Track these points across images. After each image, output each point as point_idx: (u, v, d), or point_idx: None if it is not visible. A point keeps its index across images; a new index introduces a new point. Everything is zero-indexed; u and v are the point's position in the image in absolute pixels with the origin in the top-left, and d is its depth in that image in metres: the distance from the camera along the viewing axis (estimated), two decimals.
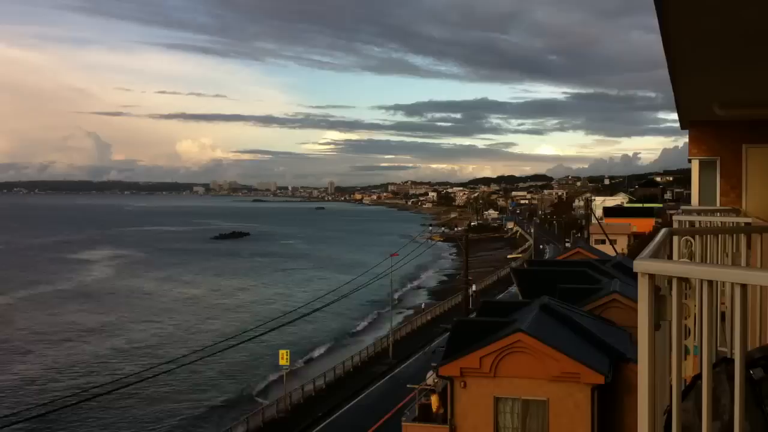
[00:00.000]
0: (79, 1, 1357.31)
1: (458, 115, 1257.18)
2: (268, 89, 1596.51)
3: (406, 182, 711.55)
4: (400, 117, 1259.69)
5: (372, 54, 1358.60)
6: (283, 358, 50.60)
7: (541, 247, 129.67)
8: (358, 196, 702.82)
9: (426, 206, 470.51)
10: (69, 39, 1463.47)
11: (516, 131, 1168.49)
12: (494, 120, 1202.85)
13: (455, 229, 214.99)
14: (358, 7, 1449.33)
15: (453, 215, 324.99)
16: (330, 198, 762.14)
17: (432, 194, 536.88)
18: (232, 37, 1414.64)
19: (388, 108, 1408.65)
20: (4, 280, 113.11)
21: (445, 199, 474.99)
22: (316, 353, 68.79)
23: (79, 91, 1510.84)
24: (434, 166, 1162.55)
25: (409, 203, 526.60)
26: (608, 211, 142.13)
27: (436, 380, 34.16)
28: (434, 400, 29.08)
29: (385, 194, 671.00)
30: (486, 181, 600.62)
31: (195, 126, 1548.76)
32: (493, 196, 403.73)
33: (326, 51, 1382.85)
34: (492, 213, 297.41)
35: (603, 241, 78.26)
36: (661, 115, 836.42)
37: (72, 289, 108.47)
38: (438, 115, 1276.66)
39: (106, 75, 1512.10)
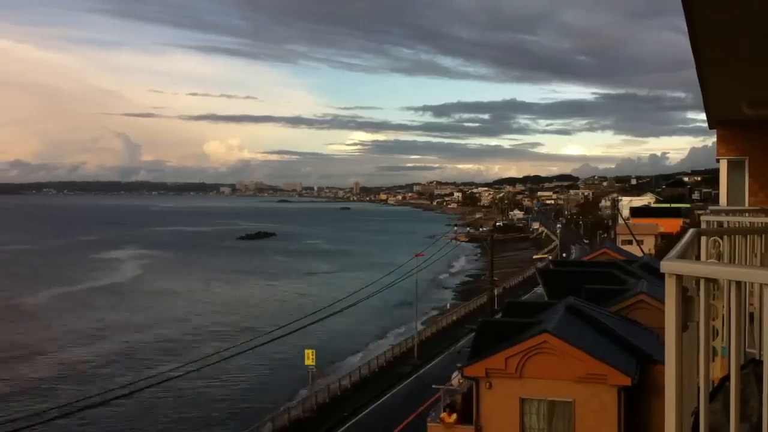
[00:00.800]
0: (108, 4, 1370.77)
1: (486, 116, 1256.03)
2: (297, 90, 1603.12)
3: (432, 182, 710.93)
4: (428, 118, 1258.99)
5: (401, 56, 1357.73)
6: (309, 357, 50.73)
7: (564, 255, 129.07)
8: (383, 197, 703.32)
9: (451, 206, 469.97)
10: (98, 41, 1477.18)
11: (544, 132, 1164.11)
12: (522, 121, 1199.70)
13: (480, 229, 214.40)
14: (388, 10, 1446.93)
15: (478, 215, 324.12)
16: (355, 198, 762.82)
17: (457, 194, 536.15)
18: (264, 40, 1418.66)
19: (416, 109, 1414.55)
20: (32, 279, 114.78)
21: (471, 200, 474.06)
22: (341, 353, 68.92)
23: (110, 93, 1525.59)
24: (460, 166, 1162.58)
25: (434, 203, 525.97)
26: (635, 212, 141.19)
27: (461, 381, 34.08)
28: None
29: (410, 194, 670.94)
30: (511, 181, 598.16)
31: (224, 127, 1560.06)
32: (519, 197, 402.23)
33: (356, 53, 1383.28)
34: (517, 213, 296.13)
35: (630, 242, 77.74)
36: (690, 115, 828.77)
37: (96, 288, 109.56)
38: (466, 115, 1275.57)
39: (137, 77, 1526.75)
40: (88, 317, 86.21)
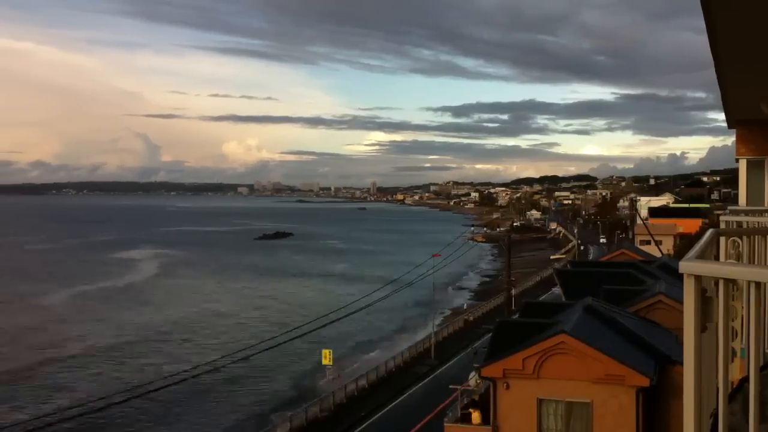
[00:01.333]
0: (130, 6, 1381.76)
1: (505, 116, 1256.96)
2: (317, 91, 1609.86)
3: (448, 182, 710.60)
4: (447, 118, 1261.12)
5: (422, 57, 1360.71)
6: (326, 357, 50.84)
7: (577, 253, 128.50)
8: (400, 197, 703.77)
9: (468, 206, 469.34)
10: (121, 43, 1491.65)
11: (563, 132, 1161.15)
12: (541, 121, 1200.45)
13: (497, 229, 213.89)
14: (409, 11, 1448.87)
15: (495, 216, 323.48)
16: (372, 198, 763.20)
17: (474, 194, 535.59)
18: (286, 42, 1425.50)
19: (435, 109, 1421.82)
20: (53, 279, 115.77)
21: (488, 200, 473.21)
22: (359, 353, 68.96)
23: (131, 94, 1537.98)
24: (478, 166, 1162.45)
25: (451, 203, 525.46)
26: (654, 212, 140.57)
27: (478, 381, 34.03)
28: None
29: (427, 195, 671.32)
30: (529, 181, 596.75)
31: (244, 128, 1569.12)
32: (536, 197, 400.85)
33: (377, 54, 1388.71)
34: (535, 213, 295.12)
35: (648, 242, 77.28)
36: (711, 115, 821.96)
37: (108, 287, 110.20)
38: (485, 116, 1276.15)
39: (159, 78, 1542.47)
40: (108, 315, 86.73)
